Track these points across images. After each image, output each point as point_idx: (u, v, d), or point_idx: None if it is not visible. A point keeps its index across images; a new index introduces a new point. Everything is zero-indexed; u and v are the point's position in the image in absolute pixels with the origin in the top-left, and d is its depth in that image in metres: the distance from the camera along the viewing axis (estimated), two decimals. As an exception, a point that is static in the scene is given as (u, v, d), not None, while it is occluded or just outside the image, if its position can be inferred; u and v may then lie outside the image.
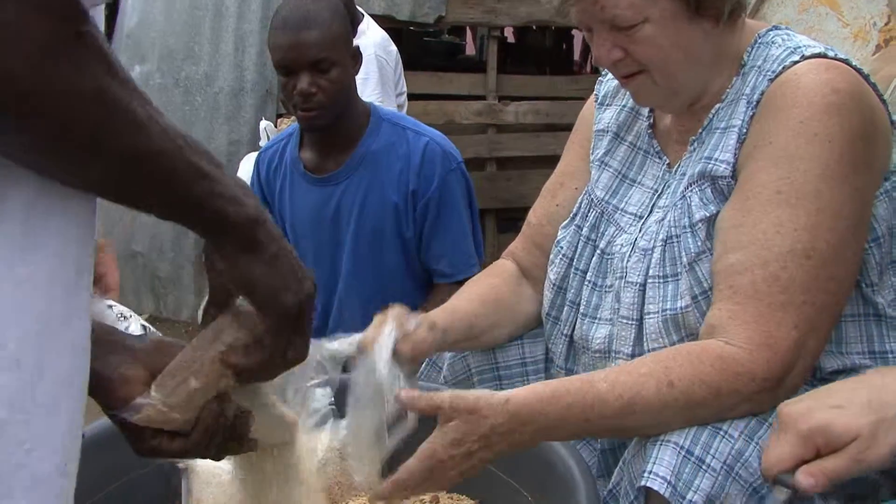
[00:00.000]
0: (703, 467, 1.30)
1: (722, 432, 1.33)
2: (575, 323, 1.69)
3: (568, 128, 1.97)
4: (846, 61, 1.47)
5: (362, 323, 2.50)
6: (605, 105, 1.80)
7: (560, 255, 1.74)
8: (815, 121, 1.40)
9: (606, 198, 1.71)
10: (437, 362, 1.88)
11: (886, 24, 3.12)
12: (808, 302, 1.38)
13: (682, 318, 1.49)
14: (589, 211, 1.73)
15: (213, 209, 0.92)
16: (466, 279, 2.41)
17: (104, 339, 1.05)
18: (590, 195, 1.74)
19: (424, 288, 2.60)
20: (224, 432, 1.10)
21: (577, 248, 1.72)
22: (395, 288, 2.53)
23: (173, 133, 0.85)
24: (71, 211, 0.81)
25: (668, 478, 1.29)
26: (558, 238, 1.76)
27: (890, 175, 1.49)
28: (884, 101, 1.49)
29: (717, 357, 1.37)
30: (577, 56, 7.72)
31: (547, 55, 7.10)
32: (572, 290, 1.71)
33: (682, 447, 1.32)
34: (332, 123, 2.47)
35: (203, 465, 1.46)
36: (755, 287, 1.39)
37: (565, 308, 1.72)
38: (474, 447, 1.33)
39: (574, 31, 6.97)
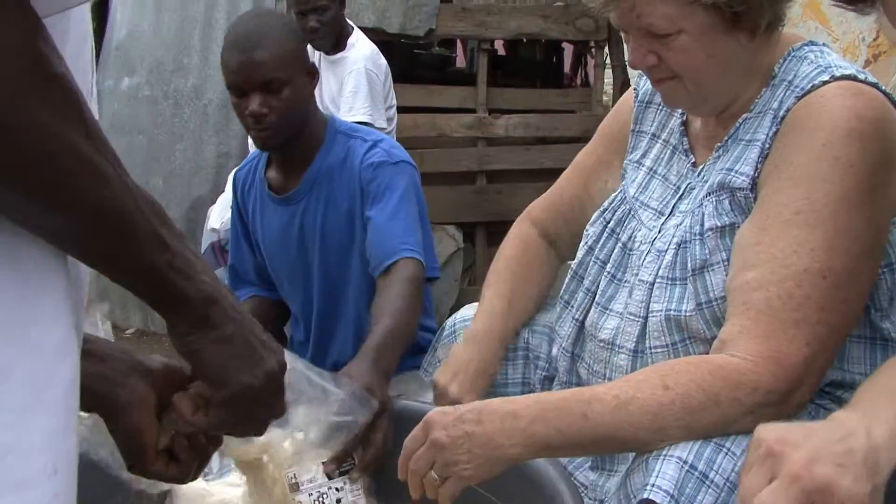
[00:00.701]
0: (706, 482, 1.30)
1: (725, 449, 1.33)
2: (588, 309, 1.71)
3: (559, 141, 2.01)
4: (876, 85, 1.48)
5: (342, 333, 2.53)
6: (646, 103, 1.82)
7: (583, 244, 1.78)
8: (837, 145, 1.41)
9: (636, 195, 1.74)
10: (439, 356, 1.95)
11: (875, 40, 3.12)
12: (822, 321, 1.38)
13: (685, 321, 1.51)
14: (618, 206, 1.76)
15: (169, 283, 0.90)
16: (397, 264, 2.26)
17: (124, 359, 1.07)
18: (623, 192, 1.77)
19: None
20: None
21: (600, 238, 1.75)
22: (370, 292, 2.45)
23: (140, 196, 0.84)
24: None
25: (671, 491, 1.29)
26: (587, 232, 1.80)
27: None
28: None
29: (717, 366, 1.38)
30: (567, 69, 7.73)
31: (537, 68, 7.09)
32: (589, 278, 1.74)
33: (684, 461, 1.32)
34: (288, 142, 2.42)
35: (189, 489, 1.45)
36: (769, 303, 1.39)
37: (579, 294, 1.75)
38: (468, 416, 1.36)
39: (564, 45, 6.97)
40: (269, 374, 1.02)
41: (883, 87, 1.49)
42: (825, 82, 1.47)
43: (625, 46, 1.64)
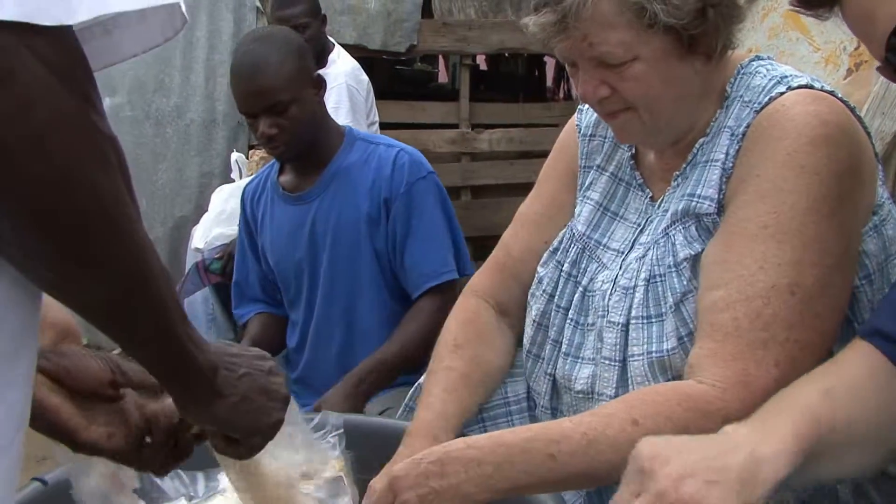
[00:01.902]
0: None
1: None
2: (557, 361, 1.63)
3: (543, 155, 1.89)
4: (832, 92, 1.44)
5: (340, 337, 2.51)
6: (589, 136, 1.74)
7: (541, 291, 1.67)
8: (802, 153, 1.36)
9: (588, 232, 1.65)
10: (412, 405, 1.80)
11: (857, 49, 3.13)
12: (792, 339, 1.34)
13: (669, 361, 1.45)
14: (570, 246, 1.66)
15: (187, 354, 0.92)
16: (442, 286, 2.47)
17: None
18: (572, 230, 1.68)
19: (400, 300, 2.57)
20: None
21: (557, 284, 1.65)
22: (370, 302, 2.54)
23: (166, 271, 0.86)
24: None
25: None
26: (540, 275, 1.69)
27: (877, 209, 1.46)
28: (869, 134, 1.47)
29: (685, 395, 1.33)
30: (549, 83, 7.73)
31: (520, 82, 7.10)
32: (554, 328, 1.64)
33: None
34: (303, 152, 2.51)
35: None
36: (736, 324, 1.35)
37: (547, 346, 1.65)
38: (431, 469, 1.31)
39: (547, 59, 6.98)
40: (274, 424, 1.09)
41: (839, 95, 1.45)
42: (782, 93, 1.42)
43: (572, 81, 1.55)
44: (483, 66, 7.44)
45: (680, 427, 1.30)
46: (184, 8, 0.79)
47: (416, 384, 1.80)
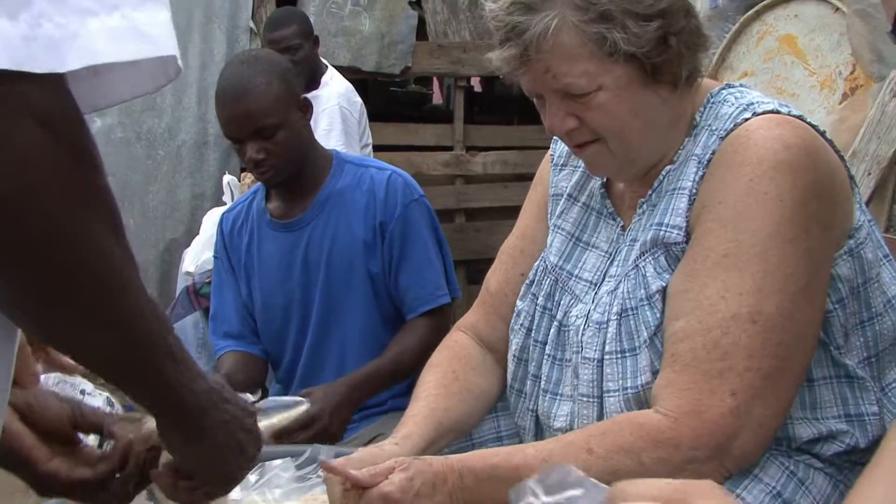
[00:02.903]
0: None
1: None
2: (538, 398, 1.62)
3: None
4: (800, 117, 1.42)
5: (334, 363, 2.48)
6: (561, 166, 1.73)
7: (519, 325, 1.66)
8: (765, 179, 1.35)
9: (560, 263, 1.63)
10: None
11: (852, 73, 3.11)
12: (752, 368, 1.32)
13: (645, 395, 1.43)
14: (544, 278, 1.65)
15: (175, 395, 0.94)
16: (436, 310, 2.48)
17: None
18: (545, 261, 1.67)
19: (392, 322, 2.55)
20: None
21: (534, 318, 1.64)
22: (366, 328, 2.51)
23: (161, 313, 0.88)
24: None
25: None
26: (518, 308, 1.68)
27: (853, 233, 1.43)
28: (842, 157, 1.45)
29: (638, 425, 1.34)
30: (544, 105, 7.72)
31: (514, 104, 7.09)
32: (533, 363, 1.63)
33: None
34: (292, 177, 2.47)
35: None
36: (694, 354, 1.34)
37: (528, 381, 1.64)
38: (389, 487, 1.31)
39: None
40: (250, 460, 1.09)
41: (809, 120, 1.43)
42: (747, 119, 1.40)
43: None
44: (478, 88, 7.43)
45: (633, 456, 1.32)
46: (179, 59, 0.79)
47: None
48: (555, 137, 1.74)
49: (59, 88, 0.73)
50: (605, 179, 1.64)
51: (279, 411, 1.96)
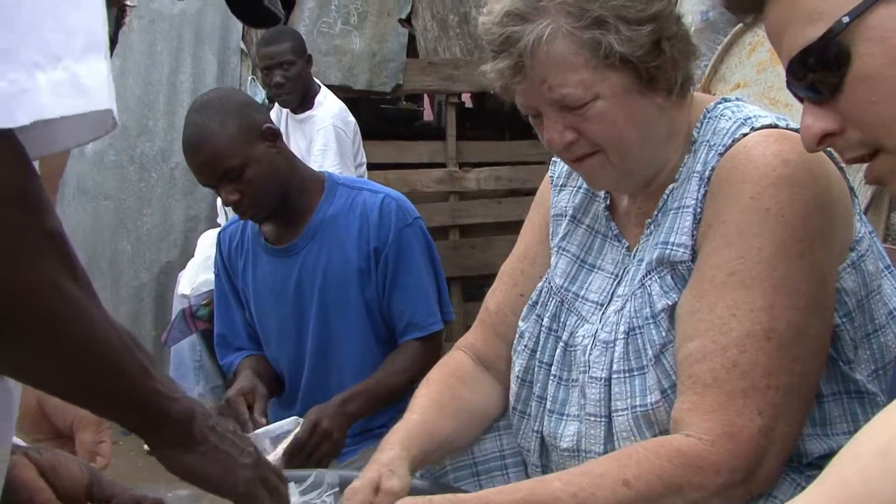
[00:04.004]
0: None
1: None
2: (543, 419, 1.60)
3: (531, 192, 1.87)
4: (798, 130, 1.41)
5: (333, 387, 2.47)
6: (561, 186, 1.72)
7: (523, 346, 1.64)
8: (766, 195, 1.34)
9: (566, 285, 1.62)
10: None
11: (844, 83, 3.10)
12: (773, 386, 1.31)
13: (654, 415, 1.41)
14: (549, 300, 1.63)
15: (154, 406, 0.97)
16: (429, 336, 2.47)
17: None
18: (549, 283, 1.65)
19: (390, 345, 2.54)
20: None
21: (539, 339, 1.62)
22: (363, 353, 2.49)
23: (119, 328, 0.90)
24: None
25: None
26: (521, 329, 1.66)
27: (854, 245, 1.42)
28: (841, 169, 1.44)
29: (676, 452, 1.30)
30: (535, 120, 7.72)
31: (506, 119, 7.10)
32: (538, 384, 1.61)
33: None
34: (277, 208, 2.43)
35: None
36: (714, 375, 1.32)
37: (532, 402, 1.62)
38: None
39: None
40: (249, 481, 1.12)
41: None
42: (746, 134, 1.40)
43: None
44: (469, 104, 7.43)
45: (673, 486, 1.29)
46: (115, 113, 0.81)
47: None
48: (553, 158, 1.74)
49: (10, 142, 0.75)
50: (608, 201, 1.64)
51: (284, 434, 2.03)
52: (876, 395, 1.44)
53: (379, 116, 7.26)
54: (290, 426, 2.12)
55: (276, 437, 2.07)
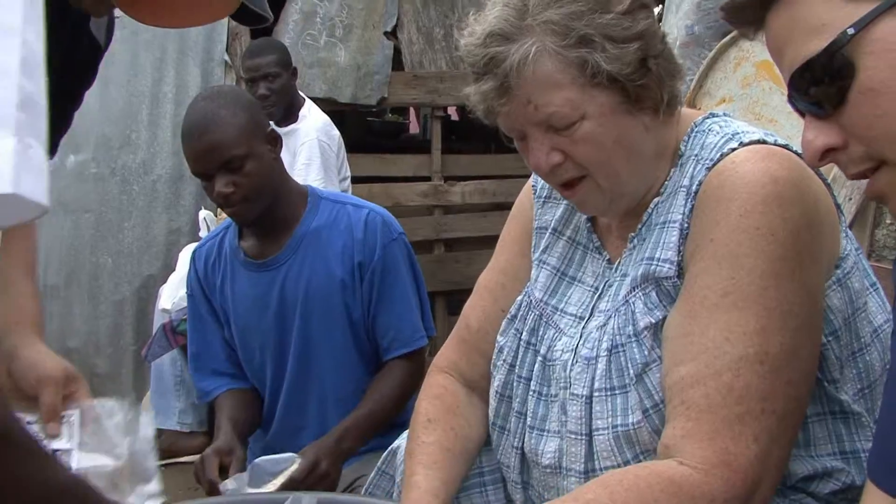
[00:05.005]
0: None
1: None
2: (524, 435, 1.57)
3: None
4: (786, 146, 1.39)
5: (314, 405, 2.45)
6: (544, 198, 1.69)
7: (502, 361, 1.62)
8: (755, 214, 1.31)
9: (545, 298, 1.59)
10: (389, 471, 1.75)
11: (830, 98, 3.10)
12: (768, 411, 1.28)
13: (635, 434, 1.39)
14: (528, 313, 1.61)
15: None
16: (413, 352, 2.47)
17: None
18: (529, 296, 1.63)
19: (372, 360, 2.52)
20: None
21: (517, 353, 1.60)
22: (345, 368, 2.47)
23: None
24: None
25: None
26: (499, 344, 1.63)
27: (840, 262, 1.41)
28: (828, 185, 1.42)
29: (668, 481, 1.27)
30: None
31: (492, 133, 7.08)
32: (517, 399, 1.59)
33: None
34: (264, 213, 2.41)
35: None
36: (709, 400, 1.29)
37: (512, 418, 1.60)
38: None
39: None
40: None
41: (794, 148, 1.39)
42: (734, 149, 1.38)
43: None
44: (454, 117, 7.43)
45: None
46: (44, 199, 0.76)
47: (389, 449, 1.77)
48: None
49: None
50: None
51: (282, 469, 2.05)
52: (861, 416, 1.42)
53: (365, 129, 7.25)
54: (288, 462, 2.17)
55: (274, 471, 2.13)
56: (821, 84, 0.96)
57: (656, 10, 1.51)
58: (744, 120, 1.52)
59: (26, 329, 1.54)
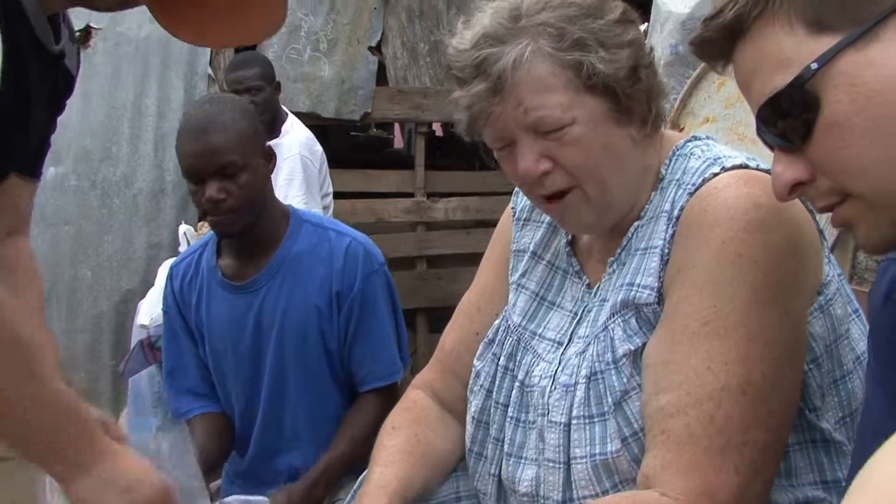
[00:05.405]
0: None
1: None
2: (501, 462, 1.55)
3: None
4: (769, 171, 1.38)
5: (289, 430, 2.41)
6: (523, 221, 1.68)
7: (479, 386, 1.60)
8: (737, 240, 1.30)
9: (524, 323, 1.58)
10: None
11: (813, 119, 3.10)
12: (749, 441, 1.27)
13: (614, 463, 1.37)
14: (506, 338, 1.59)
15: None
16: (389, 386, 2.43)
17: None
18: (507, 321, 1.61)
19: (350, 394, 2.49)
20: None
21: (495, 378, 1.58)
22: (320, 396, 2.43)
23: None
24: None
25: None
26: (476, 369, 1.62)
27: (822, 289, 1.39)
28: (810, 210, 1.40)
29: None
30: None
31: (476, 149, 7.08)
32: (495, 426, 1.57)
33: None
34: (248, 228, 2.36)
35: None
36: (689, 430, 1.27)
37: (489, 444, 1.58)
38: None
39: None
40: None
41: None
42: (716, 174, 1.36)
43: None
44: (439, 133, 7.42)
45: None
46: None
47: (362, 476, 1.72)
48: (516, 190, 1.69)
49: None
50: (569, 236, 1.59)
51: None
52: (842, 444, 1.40)
53: (349, 143, 7.24)
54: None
55: None
56: (787, 118, 0.97)
57: (641, 27, 1.51)
58: (727, 140, 1.51)
59: None
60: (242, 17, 1.48)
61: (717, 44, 1.05)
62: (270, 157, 2.42)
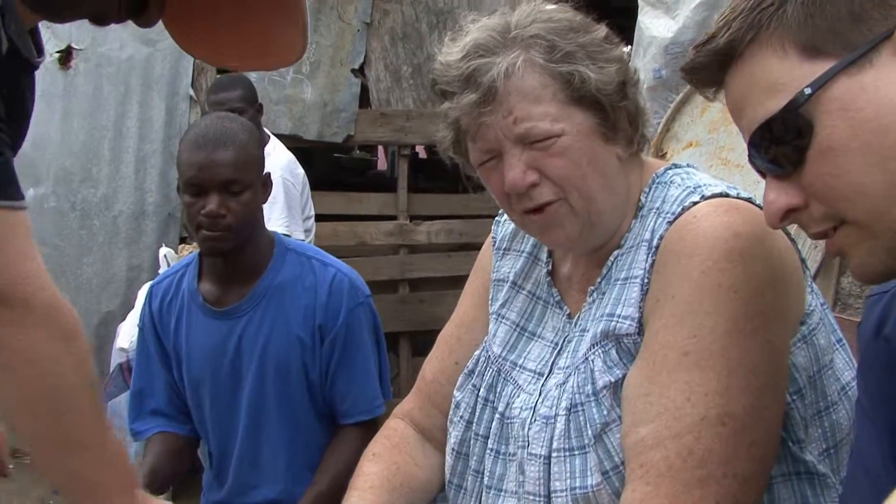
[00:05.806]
0: None
1: None
2: (481, 495, 1.53)
3: (482, 247, 1.81)
4: (750, 200, 1.36)
5: (265, 468, 2.37)
6: (503, 250, 1.66)
7: (459, 417, 1.58)
8: (716, 270, 1.27)
9: (504, 354, 1.56)
10: None
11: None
12: (730, 474, 1.24)
13: (594, 497, 1.34)
14: (486, 369, 1.57)
15: None
16: (370, 420, 2.39)
17: None
18: (487, 351, 1.59)
19: (330, 426, 2.45)
20: None
21: (475, 410, 1.56)
22: (300, 427, 2.40)
23: None
24: None
25: None
26: (456, 399, 1.60)
27: (805, 319, 1.37)
28: (793, 240, 1.39)
29: None
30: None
31: (458, 172, 7.08)
32: (475, 458, 1.55)
33: None
34: (237, 250, 2.33)
35: None
36: (668, 463, 1.25)
37: (469, 476, 1.56)
38: None
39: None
40: None
41: (757, 202, 1.35)
42: (696, 203, 1.35)
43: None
44: (422, 155, 7.43)
45: None
46: None
47: None
48: (497, 220, 1.69)
49: None
50: (550, 266, 1.58)
51: None
52: (826, 477, 1.38)
53: (332, 166, 7.22)
54: None
55: None
56: (780, 144, 0.96)
57: (625, 50, 1.52)
58: (710, 164, 1.50)
59: None
60: (258, 35, 1.47)
61: (709, 69, 1.04)
62: (267, 186, 2.40)
